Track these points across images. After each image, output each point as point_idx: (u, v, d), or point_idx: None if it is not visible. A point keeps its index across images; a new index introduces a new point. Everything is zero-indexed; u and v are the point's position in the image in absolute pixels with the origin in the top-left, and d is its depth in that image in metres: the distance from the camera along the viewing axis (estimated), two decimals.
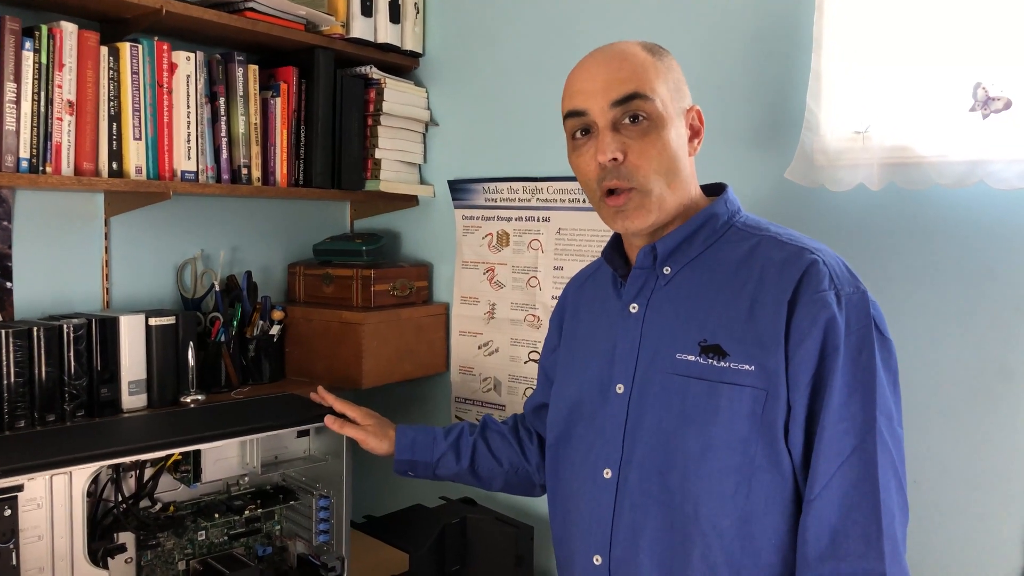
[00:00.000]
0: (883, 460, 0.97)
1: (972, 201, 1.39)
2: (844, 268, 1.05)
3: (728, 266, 1.08)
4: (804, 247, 1.05)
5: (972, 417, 1.41)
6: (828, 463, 0.97)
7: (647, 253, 1.12)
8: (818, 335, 0.99)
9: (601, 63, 1.10)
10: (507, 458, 1.39)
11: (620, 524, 1.09)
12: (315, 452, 1.66)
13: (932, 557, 1.45)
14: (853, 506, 0.96)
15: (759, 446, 1.00)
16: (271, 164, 1.88)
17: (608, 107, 1.07)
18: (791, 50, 1.56)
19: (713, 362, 1.03)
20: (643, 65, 1.09)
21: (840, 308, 0.99)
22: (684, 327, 1.07)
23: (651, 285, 1.13)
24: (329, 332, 1.96)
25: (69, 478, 1.25)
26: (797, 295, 1.01)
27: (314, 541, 1.61)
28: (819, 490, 0.97)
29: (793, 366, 1.00)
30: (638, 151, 1.07)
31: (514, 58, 2.00)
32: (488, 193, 2.06)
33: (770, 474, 1.01)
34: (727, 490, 1.01)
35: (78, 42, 1.53)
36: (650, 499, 1.07)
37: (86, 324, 1.60)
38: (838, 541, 0.96)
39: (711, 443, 1.02)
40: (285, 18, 1.83)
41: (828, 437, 0.98)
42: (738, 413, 1.01)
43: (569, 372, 1.24)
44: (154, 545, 1.50)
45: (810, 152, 1.51)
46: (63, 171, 1.52)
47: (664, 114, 1.08)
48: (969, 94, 1.36)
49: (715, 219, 1.12)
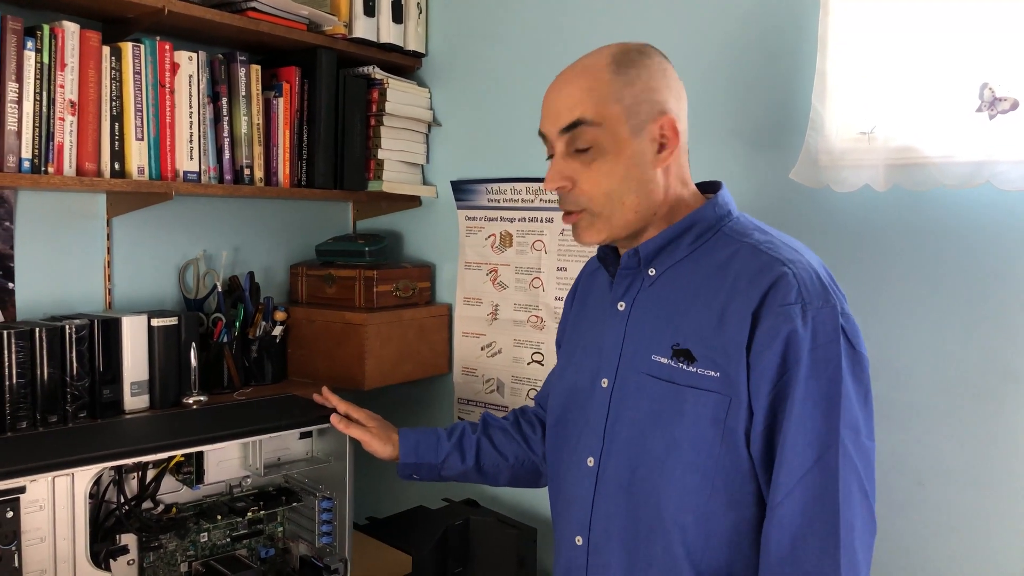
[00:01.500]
0: (846, 473, 0.98)
1: (978, 202, 1.38)
2: (816, 279, 1.03)
3: (707, 272, 1.09)
4: (778, 258, 1.05)
5: (977, 418, 1.40)
6: (789, 475, 0.99)
7: (631, 255, 1.15)
8: (778, 347, 0.99)
9: (557, 88, 1.13)
10: (512, 453, 1.42)
11: (598, 510, 1.14)
12: (318, 454, 1.65)
13: (937, 558, 1.44)
14: (813, 517, 0.98)
15: (722, 449, 1.03)
16: (274, 164, 1.87)
17: (557, 135, 1.11)
18: (796, 50, 1.55)
19: (682, 366, 1.06)
20: (593, 88, 1.09)
21: (805, 321, 1.00)
22: (662, 329, 1.10)
23: (637, 285, 1.16)
24: (331, 333, 1.95)
25: (71, 480, 1.25)
26: (762, 307, 1.01)
27: (317, 543, 1.61)
28: (781, 498, 0.99)
29: (754, 376, 1.01)
30: (585, 178, 1.10)
31: (517, 58, 1.99)
32: (491, 194, 2.05)
33: (731, 475, 1.03)
34: (689, 488, 1.04)
35: (80, 42, 1.52)
36: (621, 490, 1.11)
37: (88, 325, 1.59)
38: (796, 548, 0.98)
39: (676, 443, 1.05)
40: (287, 18, 1.82)
41: (790, 448, 0.99)
42: (702, 416, 1.04)
43: (570, 359, 1.28)
44: (156, 547, 1.50)
45: (815, 153, 1.50)
46: (65, 171, 1.51)
47: (613, 139, 1.08)
48: (976, 94, 1.35)
49: (699, 223, 1.12)
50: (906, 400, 1.46)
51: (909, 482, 1.46)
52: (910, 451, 1.46)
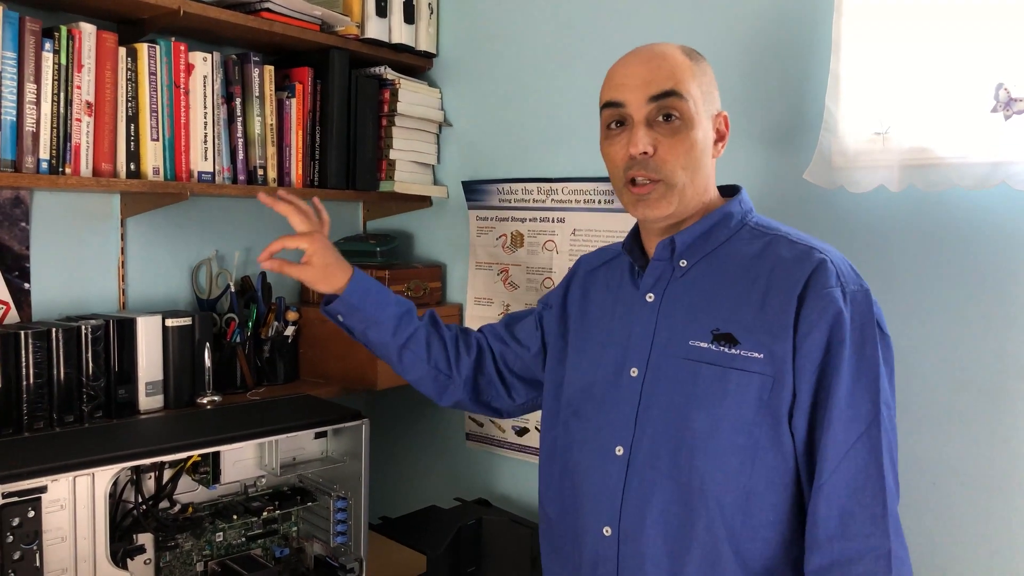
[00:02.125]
0: (885, 446, 1.05)
1: (994, 203, 1.38)
2: (849, 268, 1.12)
3: (741, 262, 1.15)
4: (813, 247, 1.12)
5: (992, 419, 1.41)
6: (836, 449, 1.04)
7: (665, 246, 1.19)
8: (825, 327, 1.05)
9: (643, 60, 1.17)
10: (436, 358, 1.42)
11: (629, 498, 1.15)
12: (332, 453, 1.66)
13: (950, 558, 1.45)
14: (860, 489, 1.03)
15: (763, 428, 1.07)
16: (286, 165, 1.88)
17: (645, 102, 1.14)
18: (810, 52, 1.56)
19: (724, 349, 1.10)
20: (680, 66, 1.15)
21: (846, 304, 1.06)
22: (698, 317, 1.14)
23: (667, 276, 1.19)
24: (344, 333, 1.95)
25: (92, 479, 1.26)
26: (806, 290, 1.07)
27: (331, 542, 1.61)
28: (828, 475, 1.04)
29: (800, 356, 1.06)
30: (667, 147, 1.13)
31: (528, 58, 2.00)
32: (502, 194, 2.05)
33: (772, 455, 1.08)
34: (732, 467, 1.08)
35: (97, 43, 1.53)
36: (659, 474, 1.13)
37: (104, 325, 1.60)
38: (847, 522, 1.03)
39: (719, 424, 1.09)
40: (301, 18, 1.82)
41: (836, 425, 1.04)
42: (745, 397, 1.08)
43: (583, 356, 1.29)
44: (173, 546, 1.51)
45: (829, 154, 1.50)
46: (82, 172, 1.52)
47: (695, 115, 1.14)
48: (991, 95, 1.35)
49: (730, 217, 1.19)
50: (920, 400, 1.47)
51: (924, 482, 1.47)
52: (925, 451, 1.46)
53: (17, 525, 1.18)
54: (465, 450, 2.15)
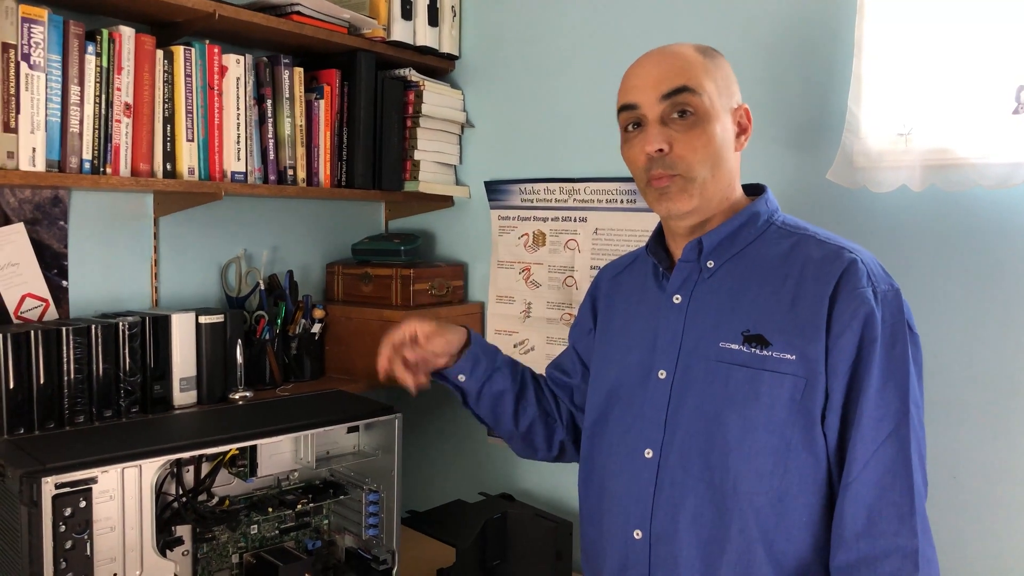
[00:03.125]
0: (914, 444, 1.05)
1: (1014, 202, 1.42)
2: (879, 267, 1.12)
3: (770, 262, 1.15)
4: (843, 247, 1.13)
5: (1012, 413, 1.44)
6: (865, 447, 1.05)
7: (692, 247, 1.18)
8: (857, 327, 1.06)
9: (654, 61, 1.18)
10: (545, 401, 1.41)
11: (660, 501, 1.15)
12: (364, 447, 1.69)
13: (971, 551, 1.48)
14: (888, 487, 1.04)
15: (796, 430, 1.07)
16: (315, 165, 1.91)
17: (657, 101, 1.14)
18: (833, 54, 1.59)
19: (756, 351, 1.10)
20: (692, 63, 1.16)
21: (877, 303, 1.07)
22: (727, 318, 1.14)
23: (694, 278, 1.19)
24: (370, 330, 1.99)
25: (139, 471, 1.29)
26: (838, 290, 1.07)
27: (363, 535, 1.65)
28: (856, 473, 1.05)
29: (833, 356, 1.06)
30: (684, 143, 1.13)
31: (548, 60, 2.03)
32: (524, 194, 2.09)
33: (805, 456, 1.08)
34: (765, 469, 1.08)
35: (136, 46, 1.56)
36: (691, 477, 1.13)
37: (140, 322, 1.63)
38: (874, 520, 1.03)
39: (752, 425, 1.09)
40: (329, 21, 1.86)
41: (866, 423, 1.05)
42: (778, 398, 1.08)
43: (608, 360, 1.29)
44: (210, 538, 1.54)
45: (851, 154, 1.54)
46: (121, 172, 1.55)
47: (710, 109, 1.14)
48: (1012, 97, 1.39)
49: (756, 217, 1.19)
50: (942, 395, 1.50)
51: (944, 476, 1.50)
52: (945, 445, 1.49)
53: (69, 515, 1.21)
54: (487, 446, 2.19)
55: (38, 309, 1.62)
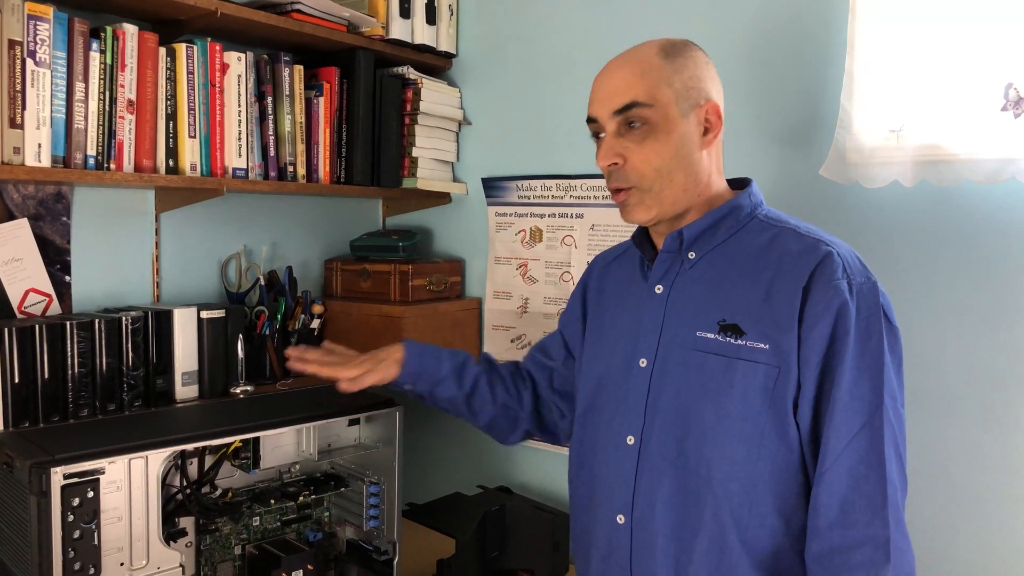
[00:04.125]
0: (888, 436, 1.06)
1: (1004, 197, 1.45)
2: (857, 260, 1.14)
3: (749, 254, 1.17)
4: (820, 239, 1.15)
5: (1003, 406, 1.46)
6: (839, 439, 1.06)
7: (674, 238, 1.21)
8: (830, 319, 1.07)
9: (609, 73, 1.20)
10: (501, 398, 1.46)
11: (640, 486, 1.18)
12: (365, 440, 1.71)
13: (964, 542, 1.50)
14: (861, 478, 1.05)
15: (769, 418, 1.10)
16: (315, 162, 1.93)
17: (610, 116, 1.17)
18: (826, 51, 1.62)
19: (730, 340, 1.13)
20: (648, 70, 1.17)
21: (851, 296, 1.08)
22: (706, 308, 1.17)
23: (676, 269, 1.22)
24: (368, 325, 2.01)
25: (146, 462, 1.31)
26: (812, 282, 1.10)
27: (364, 526, 1.67)
28: (830, 464, 1.06)
29: (805, 347, 1.08)
30: (637, 154, 1.16)
31: (545, 58, 2.05)
32: (521, 191, 2.11)
33: (777, 444, 1.10)
34: (738, 456, 1.11)
35: (139, 43, 1.58)
36: (667, 463, 1.16)
37: (143, 317, 1.65)
38: (847, 510, 1.05)
39: (725, 413, 1.11)
40: (329, 19, 1.88)
41: (839, 415, 1.06)
42: (751, 387, 1.10)
43: (597, 350, 1.32)
44: (213, 530, 1.56)
45: (844, 150, 1.57)
46: (124, 168, 1.57)
47: (663, 120, 1.16)
48: (1001, 94, 1.41)
49: (739, 210, 1.21)
50: (933, 389, 1.52)
51: (936, 469, 1.52)
52: (938, 438, 1.52)
53: (78, 505, 1.23)
54: (484, 438, 2.20)
55: (41, 304, 1.64)
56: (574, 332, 1.42)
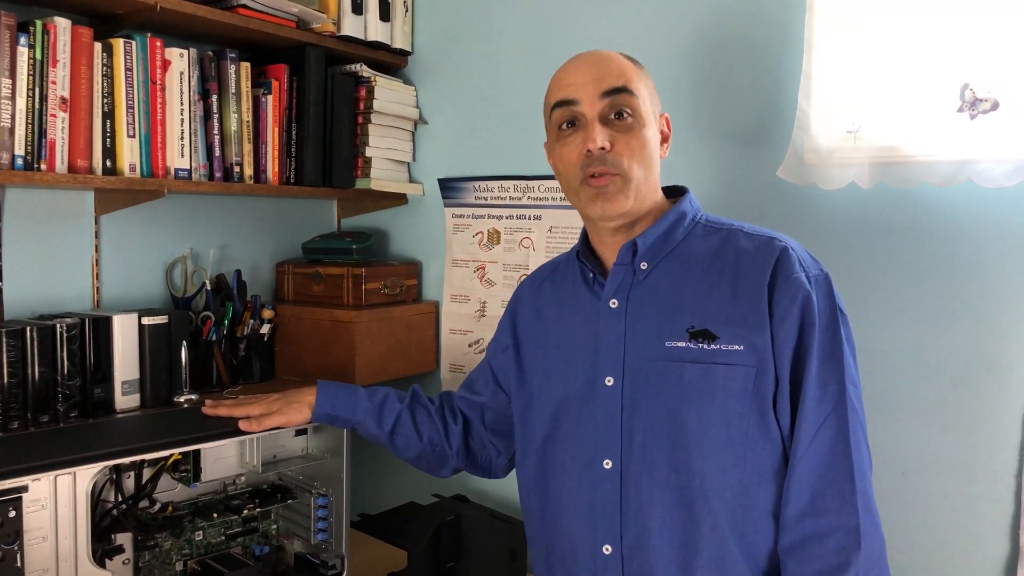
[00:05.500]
0: (853, 423, 1.08)
1: (960, 199, 1.43)
2: (807, 254, 1.16)
3: (702, 258, 1.17)
4: (772, 237, 1.16)
5: (959, 408, 1.45)
6: (808, 429, 1.07)
7: (627, 249, 1.19)
8: (797, 312, 1.09)
9: (589, 60, 1.20)
10: (428, 434, 1.43)
11: (628, 511, 1.14)
12: (313, 451, 1.66)
13: (920, 545, 1.49)
14: (829, 466, 1.06)
15: (752, 419, 1.09)
16: (263, 162, 1.87)
17: (598, 98, 1.15)
18: (783, 51, 1.59)
19: (704, 345, 1.11)
20: (627, 67, 1.19)
21: (811, 287, 1.10)
22: (669, 317, 1.15)
23: (629, 280, 1.19)
24: (320, 330, 1.95)
25: (73, 478, 1.24)
26: (775, 278, 1.11)
27: (312, 540, 1.61)
28: (800, 455, 1.07)
29: (778, 342, 1.09)
30: (623, 143, 1.15)
31: (503, 56, 2.01)
32: (478, 191, 2.07)
33: (762, 444, 1.10)
34: (728, 462, 1.09)
35: (72, 38, 1.51)
36: (656, 482, 1.12)
37: (79, 323, 1.58)
38: (816, 499, 1.06)
39: (709, 420, 1.10)
40: (277, 15, 1.82)
41: (808, 405, 1.08)
42: (732, 390, 1.09)
43: (548, 373, 1.27)
44: (152, 546, 1.49)
45: (801, 151, 1.54)
46: (57, 168, 1.50)
47: (644, 114, 1.17)
48: (957, 95, 1.40)
49: (684, 217, 1.22)
50: (890, 392, 1.51)
51: (894, 472, 1.51)
52: (895, 442, 1.50)
53: None
54: None
55: None
56: (504, 363, 1.37)
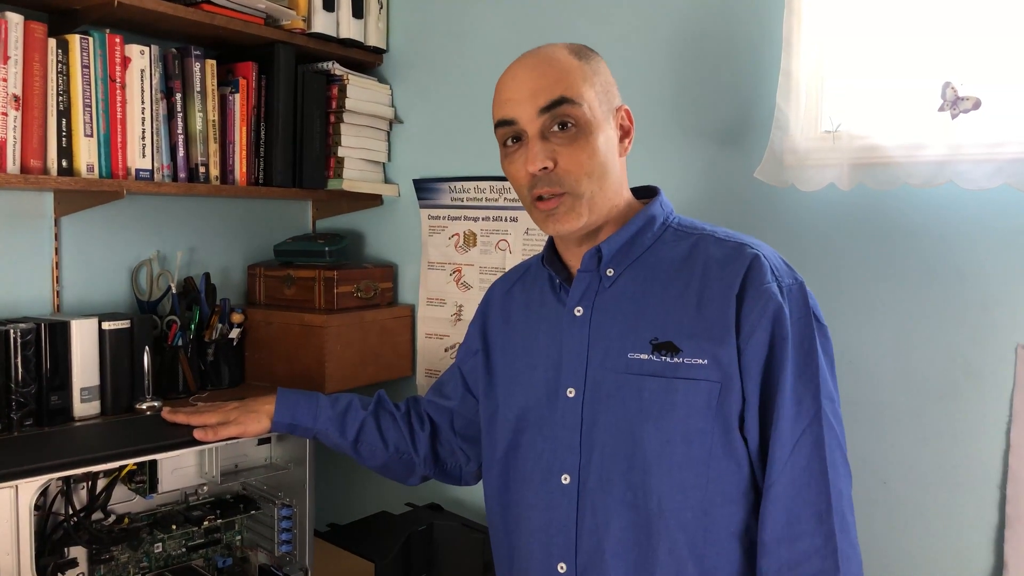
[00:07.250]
0: (829, 441, 1.02)
1: (941, 201, 1.39)
2: (781, 261, 1.09)
3: (671, 265, 1.11)
4: (743, 243, 1.09)
5: (940, 416, 1.41)
6: (783, 449, 1.02)
7: (592, 255, 1.13)
8: (767, 325, 1.02)
9: (527, 69, 1.11)
10: (393, 442, 1.37)
11: (584, 529, 1.09)
12: (277, 460, 1.61)
13: (902, 555, 1.45)
14: (804, 486, 1.01)
15: (715, 437, 1.03)
16: (230, 162, 1.82)
17: (536, 115, 1.08)
18: (761, 50, 1.55)
19: (666, 359, 1.05)
20: (569, 70, 1.09)
21: (784, 299, 1.04)
22: (633, 327, 1.09)
23: (595, 287, 1.13)
24: (290, 335, 1.91)
25: (15, 492, 1.19)
26: (744, 289, 1.04)
27: (276, 551, 1.57)
28: (776, 475, 1.02)
29: (746, 357, 1.03)
30: (567, 157, 1.07)
31: (480, 55, 1.96)
32: (454, 192, 2.02)
33: (726, 463, 1.04)
34: (687, 482, 1.04)
35: (24, 33, 1.46)
36: (613, 499, 1.07)
37: (35, 329, 1.53)
38: (792, 522, 1.01)
39: (670, 438, 1.04)
40: (244, 11, 1.77)
41: (783, 424, 1.02)
42: (694, 406, 1.03)
43: (513, 381, 1.22)
44: (107, 559, 1.45)
45: (780, 152, 1.50)
46: (8, 169, 1.45)
47: (591, 119, 1.08)
48: (938, 94, 1.35)
49: (653, 221, 1.14)
50: (870, 399, 1.47)
51: (875, 481, 1.47)
52: (875, 450, 1.46)
53: None
54: None
55: None
56: (474, 367, 1.32)
